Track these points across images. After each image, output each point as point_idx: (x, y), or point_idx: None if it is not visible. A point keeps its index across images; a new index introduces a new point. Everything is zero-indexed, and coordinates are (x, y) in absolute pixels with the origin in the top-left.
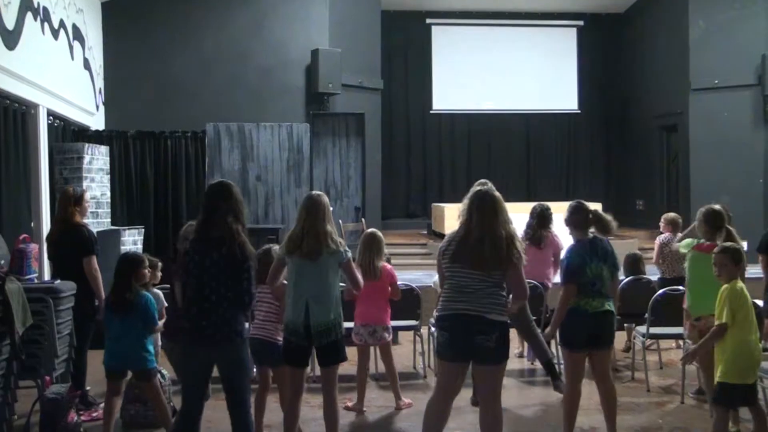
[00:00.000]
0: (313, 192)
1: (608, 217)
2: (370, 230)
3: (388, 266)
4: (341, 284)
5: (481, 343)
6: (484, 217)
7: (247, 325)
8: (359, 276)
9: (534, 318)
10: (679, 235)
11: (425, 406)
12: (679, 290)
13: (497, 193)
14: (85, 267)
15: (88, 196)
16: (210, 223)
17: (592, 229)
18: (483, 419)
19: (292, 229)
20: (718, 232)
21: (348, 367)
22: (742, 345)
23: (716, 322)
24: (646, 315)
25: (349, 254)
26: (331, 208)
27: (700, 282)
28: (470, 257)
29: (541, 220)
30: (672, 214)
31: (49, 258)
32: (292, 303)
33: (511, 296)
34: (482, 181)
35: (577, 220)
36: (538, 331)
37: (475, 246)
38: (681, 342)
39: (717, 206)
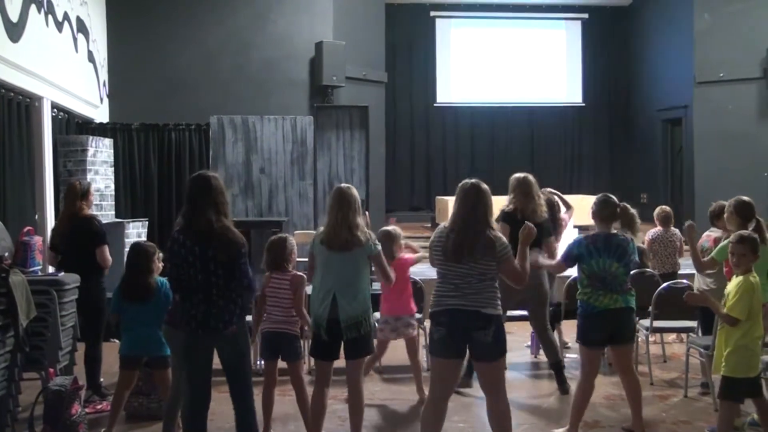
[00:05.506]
0: (342, 184)
1: (633, 211)
2: (383, 229)
3: (398, 258)
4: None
5: (479, 339)
6: (466, 210)
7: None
8: (390, 269)
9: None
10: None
11: (421, 411)
12: (682, 284)
13: (484, 186)
14: (99, 256)
15: (93, 188)
16: (195, 217)
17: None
18: (491, 412)
19: (326, 222)
20: (748, 223)
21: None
22: (750, 340)
23: (729, 313)
24: (650, 308)
25: (379, 247)
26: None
27: None
28: (455, 251)
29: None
30: (660, 209)
31: (56, 250)
32: (321, 296)
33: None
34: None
35: (604, 214)
36: (553, 334)
37: (457, 239)
38: (683, 336)
39: (746, 198)
